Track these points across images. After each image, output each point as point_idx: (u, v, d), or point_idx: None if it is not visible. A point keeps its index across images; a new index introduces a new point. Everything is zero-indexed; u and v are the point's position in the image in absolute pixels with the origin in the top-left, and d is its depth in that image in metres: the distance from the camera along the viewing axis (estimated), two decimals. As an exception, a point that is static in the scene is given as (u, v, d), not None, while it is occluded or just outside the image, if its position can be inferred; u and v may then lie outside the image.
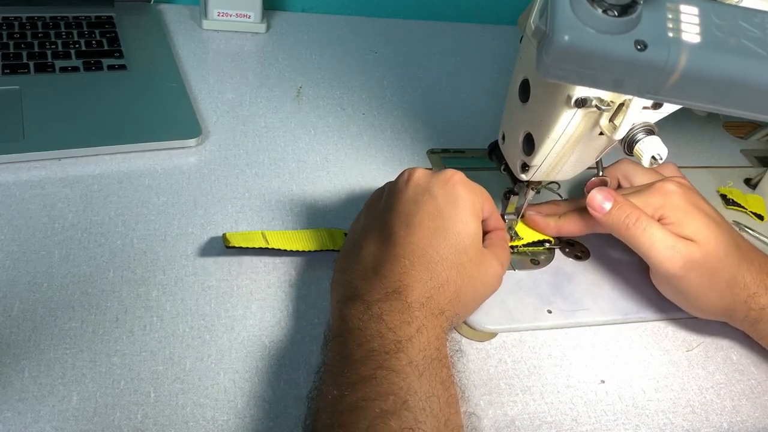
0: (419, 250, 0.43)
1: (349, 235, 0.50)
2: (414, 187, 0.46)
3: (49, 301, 0.46)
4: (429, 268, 0.43)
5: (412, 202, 0.45)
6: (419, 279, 0.42)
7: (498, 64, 0.86)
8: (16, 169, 0.56)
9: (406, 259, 0.43)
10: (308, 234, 0.53)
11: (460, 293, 0.44)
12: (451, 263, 0.44)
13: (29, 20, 0.72)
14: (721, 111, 0.36)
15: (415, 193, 0.46)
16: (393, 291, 0.42)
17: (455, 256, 0.44)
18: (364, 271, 0.44)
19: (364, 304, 0.41)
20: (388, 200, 0.47)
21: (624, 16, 0.32)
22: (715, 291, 0.48)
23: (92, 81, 0.66)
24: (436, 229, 0.44)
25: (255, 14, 0.81)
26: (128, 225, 0.53)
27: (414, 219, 0.44)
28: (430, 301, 0.42)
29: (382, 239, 0.45)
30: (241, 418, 0.42)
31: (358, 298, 0.42)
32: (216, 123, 0.66)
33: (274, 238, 0.51)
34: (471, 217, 0.45)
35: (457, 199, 0.45)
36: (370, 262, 0.44)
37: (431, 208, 0.45)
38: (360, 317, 0.41)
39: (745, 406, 0.49)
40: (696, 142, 0.77)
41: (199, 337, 0.46)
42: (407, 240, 0.44)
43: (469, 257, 0.45)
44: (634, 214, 0.48)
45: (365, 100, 0.74)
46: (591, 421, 0.46)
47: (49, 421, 0.40)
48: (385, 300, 0.41)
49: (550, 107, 0.44)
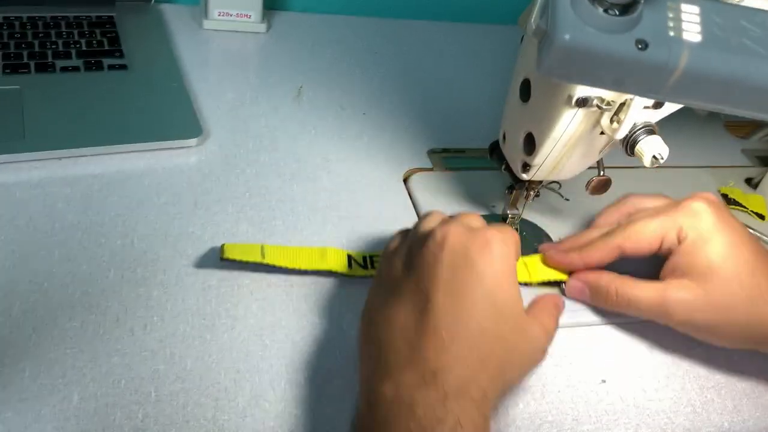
0: (459, 321, 0.39)
1: (376, 289, 0.45)
2: (451, 252, 0.41)
3: (50, 301, 0.46)
4: (469, 343, 0.39)
5: (449, 268, 0.41)
6: (459, 357, 0.38)
7: (498, 63, 0.86)
8: (17, 169, 0.56)
9: (444, 331, 0.39)
10: (308, 252, 0.52)
11: (504, 368, 0.40)
12: (492, 335, 0.40)
13: (30, 20, 0.72)
14: (722, 110, 0.36)
15: (452, 259, 0.41)
16: (429, 373, 0.37)
17: (496, 326, 0.40)
18: (396, 342, 0.40)
19: (393, 385, 0.37)
20: (421, 262, 0.42)
21: (625, 15, 0.32)
22: (733, 324, 0.46)
23: (93, 81, 0.66)
24: (476, 298, 0.40)
25: (255, 14, 0.81)
26: (129, 225, 0.53)
27: (452, 287, 0.40)
28: (470, 385, 0.38)
29: (416, 306, 0.40)
30: (241, 418, 0.42)
31: (387, 377, 0.38)
32: (216, 123, 0.66)
33: (272, 253, 0.50)
34: (512, 283, 0.42)
35: (497, 262, 0.41)
36: (403, 330, 0.40)
37: (470, 276, 0.41)
38: (389, 405, 0.37)
39: (746, 406, 0.49)
40: (697, 142, 0.77)
41: (199, 337, 0.46)
42: (445, 310, 0.39)
43: (510, 326, 0.41)
44: (610, 288, 0.48)
45: (365, 100, 0.74)
46: (592, 421, 0.46)
47: (50, 421, 0.39)
48: (418, 387, 0.37)
49: (551, 107, 0.44)
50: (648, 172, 0.68)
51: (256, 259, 0.49)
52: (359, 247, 0.55)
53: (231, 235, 0.54)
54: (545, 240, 0.59)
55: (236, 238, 0.53)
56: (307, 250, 0.52)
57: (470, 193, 0.63)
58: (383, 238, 0.56)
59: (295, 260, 0.51)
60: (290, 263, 0.50)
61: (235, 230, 0.54)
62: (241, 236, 0.54)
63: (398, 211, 0.60)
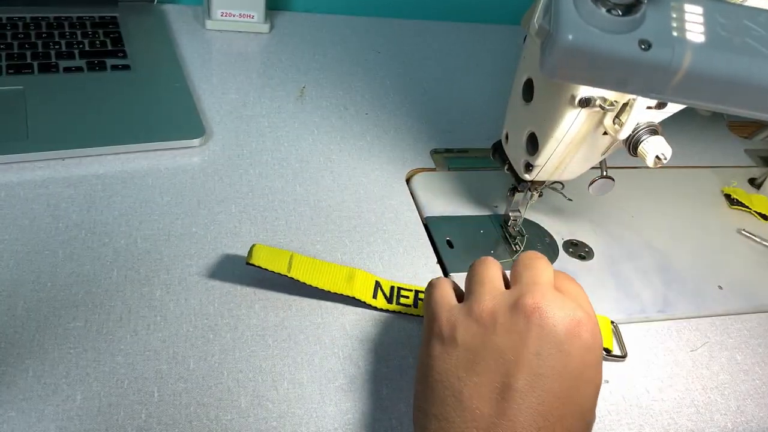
0: (539, 414, 0.36)
1: (427, 370, 0.40)
2: (538, 332, 0.37)
3: (53, 301, 0.46)
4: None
5: (535, 353, 0.37)
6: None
7: (500, 63, 0.86)
8: (20, 169, 0.56)
9: (522, 418, 0.35)
10: (336, 271, 0.50)
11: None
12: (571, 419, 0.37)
13: (33, 20, 0.72)
14: (726, 110, 0.36)
15: (540, 344, 0.37)
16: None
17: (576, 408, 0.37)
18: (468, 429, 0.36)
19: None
20: (505, 337, 0.37)
21: (628, 16, 0.32)
22: None
23: (96, 81, 0.66)
24: (558, 390, 0.37)
25: (258, 14, 0.81)
26: (132, 225, 0.53)
27: (537, 371, 0.36)
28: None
29: (493, 387, 0.36)
30: (244, 418, 0.42)
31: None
32: (219, 123, 0.66)
33: (298, 266, 0.49)
34: (598, 372, 0.39)
35: (587, 354, 0.38)
36: (477, 421, 0.36)
37: (558, 362, 0.37)
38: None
39: (749, 407, 0.49)
40: (700, 142, 0.77)
41: (202, 337, 0.46)
42: (526, 397, 0.36)
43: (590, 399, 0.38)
44: None
45: (368, 100, 0.74)
46: (595, 421, 0.46)
47: (53, 420, 0.40)
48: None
49: (554, 107, 0.44)
50: (651, 173, 0.68)
51: (281, 271, 0.48)
52: (361, 247, 0.55)
53: (234, 235, 0.54)
54: (548, 240, 0.59)
55: (239, 238, 0.53)
56: (335, 268, 0.50)
57: (473, 193, 0.63)
58: (385, 238, 0.56)
59: (321, 279, 0.49)
60: (315, 281, 0.49)
61: (238, 230, 0.54)
62: (244, 236, 0.54)
63: (401, 211, 0.60)
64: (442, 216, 0.60)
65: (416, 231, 0.58)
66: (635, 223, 0.63)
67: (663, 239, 0.62)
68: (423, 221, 0.59)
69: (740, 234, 0.64)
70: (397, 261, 0.55)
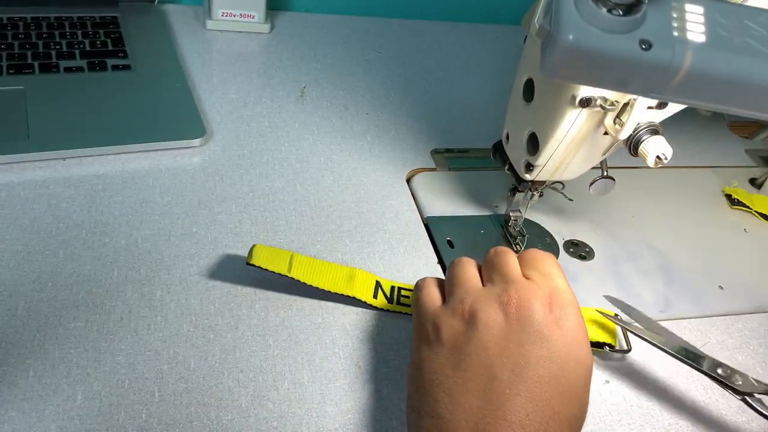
0: (528, 402, 0.37)
1: (417, 371, 0.41)
2: (518, 323, 0.39)
3: (54, 301, 0.46)
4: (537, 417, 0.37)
5: (517, 344, 0.39)
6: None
7: (500, 63, 0.86)
8: (21, 169, 0.56)
9: (511, 416, 0.36)
10: (336, 271, 0.50)
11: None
12: (561, 406, 0.38)
13: (34, 20, 0.72)
14: (726, 110, 0.36)
15: (520, 336, 0.39)
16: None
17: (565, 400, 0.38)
18: (460, 424, 0.37)
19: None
20: (484, 332, 0.39)
21: (628, 16, 0.32)
22: None
23: (96, 81, 0.66)
24: (545, 377, 0.38)
25: (259, 14, 0.81)
26: (132, 225, 0.53)
27: (520, 361, 0.38)
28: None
29: (479, 382, 0.38)
30: (245, 418, 0.42)
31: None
32: (220, 123, 0.66)
33: (299, 266, 0.49)
34: (586, 353, 0.40)
35: (569, 334, 0.40)
36: (468, 412, 0.37)
37: (540, 352, 0.38)
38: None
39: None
40: (701, 142, 0.77)
41: (203, 337, 0.46)
42: (512, 390, 0.37)
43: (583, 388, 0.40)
44: None
45: (368, 100, 0.74)
46: (595, 421, 0.46)
47: (54, 420, 0.40)
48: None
49: (555, 107, 0.44)
50: (652, 173, 0.68)
51: (282, 271, 0.48)
52: (361, 247, 0.55)
53: (234, 235, 0.54)
54: (549, 240, 0.59)
55: (240, 238, 0.54)
56: (336, 268, 0.50)
57: (473, 193, 0.63)
58: (386, 238, 0.56)
59: (322, 279, 0.49)
60: (315, 281, 0.49)
61: (239, 230, 0.54)
62: (245, 236, 0.54)
63: (401, 211, 0.60)
64: (442, 216, 0.60)
65: (417, 231, 0.58)
66: (636, 223, 0.63)
67: (664, 239, 0.62)
68: (423, 221, 0.59)
69: (741, 234, 0.64)
70: (398, 261, 0.55)
